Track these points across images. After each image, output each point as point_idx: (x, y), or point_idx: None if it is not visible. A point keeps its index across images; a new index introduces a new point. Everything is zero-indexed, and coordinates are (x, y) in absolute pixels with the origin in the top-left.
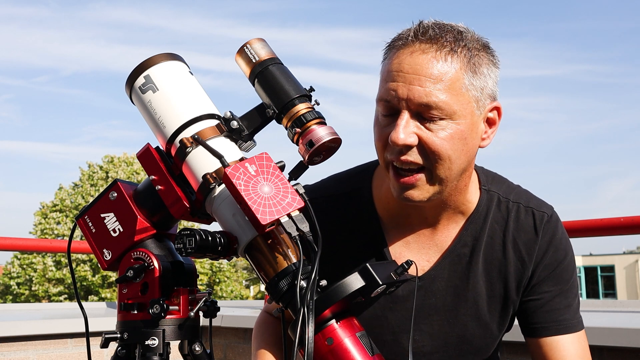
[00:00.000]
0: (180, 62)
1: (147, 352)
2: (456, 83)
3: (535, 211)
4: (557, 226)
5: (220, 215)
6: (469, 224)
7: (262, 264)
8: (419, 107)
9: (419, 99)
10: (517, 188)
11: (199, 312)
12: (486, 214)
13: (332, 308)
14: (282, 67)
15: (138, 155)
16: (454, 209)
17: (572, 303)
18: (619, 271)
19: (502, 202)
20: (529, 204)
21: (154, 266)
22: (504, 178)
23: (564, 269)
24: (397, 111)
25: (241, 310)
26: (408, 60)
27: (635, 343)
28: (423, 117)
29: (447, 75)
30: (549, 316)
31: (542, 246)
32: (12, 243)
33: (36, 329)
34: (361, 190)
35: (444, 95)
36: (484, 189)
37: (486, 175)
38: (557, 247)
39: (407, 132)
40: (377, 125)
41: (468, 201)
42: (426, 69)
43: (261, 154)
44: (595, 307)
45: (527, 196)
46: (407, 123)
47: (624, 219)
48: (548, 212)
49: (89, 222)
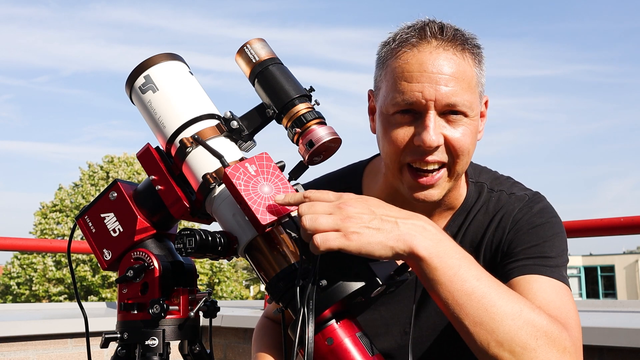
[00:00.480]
0: (180, 62)
1: (147, 352)
2: (472, 80)
3: (517, 194)
4: (538, 201)
5: (220, 215)
6: (456, 215)
7: (262, 264)
8: (445, 107)
9: (447, 99)
10: (502, 177)
11: (199, 312)
12: (473, 206)
13: (332, 308)
14: (282, 67)
15: (138, 155)
16: (446, 206)
17: (547, 254)
18: (619, 271)
19: (486, 191)
20: (512, 190)
21: (154, 266)
22: (489, 169)
23: (540, 229)
24: (420, 112)
25: (241, 310)
26: (430, 60)
27: (635, 343)
28: (446, 115)
29: (467, 73)
30: (517, 263)
31: (517, 216)
32: (12, 243)
33: (36, 329)
34: (351, 189)
35: (467, 93)
36: (471, 181)
37: (473, 168)
38: (534, 214)
39: (437, 133)
40: (392, 126)
41: (460, 195)
42: (450, 68)
43: (261, 154)
44: (595, 307)
45: (513, 186)
46: (436, 124)
47: (624, 219)
48: (530, 194)
49: (89, 222)
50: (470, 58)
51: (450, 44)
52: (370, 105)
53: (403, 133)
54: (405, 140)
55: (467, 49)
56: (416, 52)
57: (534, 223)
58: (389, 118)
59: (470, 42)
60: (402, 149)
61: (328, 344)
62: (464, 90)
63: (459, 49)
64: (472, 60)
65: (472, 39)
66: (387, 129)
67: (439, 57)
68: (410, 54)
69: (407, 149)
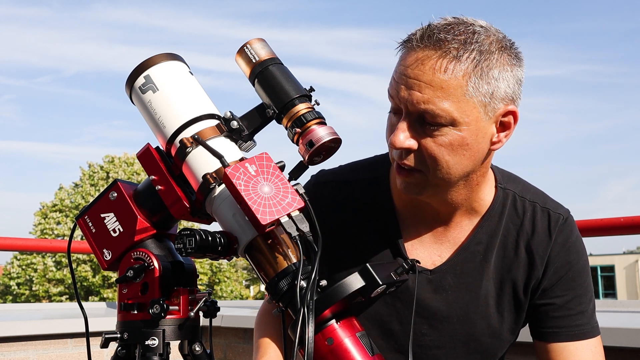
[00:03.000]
0: (180, 62)
1: (147, 352)
2: (458, 90)
3: (552, 212)
4: (571, 229)
5: (220, 215)
6: (484, 221)
7: (262, 264)
8: (418, 112)
9: (417, 105)
10: (534, 188)
11: (199, 312)
12: (501, 212)
13: (332, 308)
14: (282, 67)
15: (138, 156)
16: (467, 207)
17: (586, 308)
18: (619, 271)
19: (518, 200)
20: (546, 205)
21: (154, 266)
22: (521, 178)
23: (578, 273)
24: (399, 115)
25: (241, 310)
26: (411, 65)
27: (635, 343)
28: (425, 122)
29: (449, 82)
30: (560, 321)
31: (554, 248)
32: (12, 243)
33: (36, 329)
34: (378, 179)
35: (444, 103)
36: (499, 187)
37: (502, 174)
38: (570, 249)
39: (405, 136)
40: (388, 120)
41: (482, 199)
42: (427, 75)
43: (261, 154)
44: (596, 307)
45: (545, 197)
46: (406, 127)
47: (624, 219)
48: (564, 215)
49: (89, 222)
50: (461, 67)
51: (435, 52)
52: None
53: (389, 132)
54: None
55: (460, 57)
56: (405, 55)
57: (571, 262)
58: (388, 115)
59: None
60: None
61: (328, 344)
62: (442, 99)
63: (447, 58)
64: (465, 69)
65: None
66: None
67: (419, 64)
68: (401, 59)
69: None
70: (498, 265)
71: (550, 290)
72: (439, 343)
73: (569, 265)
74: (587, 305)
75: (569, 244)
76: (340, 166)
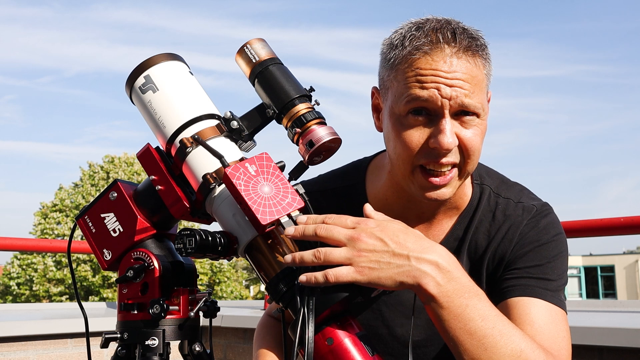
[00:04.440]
0: (180, 62)
1: (147, 352)
2: (483, 82)
3: (525, 205)
4: (545, 215)
5: (220, 215)
6: (461, 218)
7: (262, 264)
8: (459, 108)
9: (462, 100)
10: (512, 184)
11: (199, 312)
12: (477, 207)
13: (332, 308)
14: (282, 67)
15: (138, 156)
16: (450, 204)
17: (549, 277)
18: (619, 271)
19: (492, 196)
20: (520, 200)
21: (154, 266)
22: (500, 174)
23: (545, 248)
24: (434, 114)
25: (241, 310)
26: (445, 66)
27: (635, 343)
28: (459, 117)
29: (478, 77)
30: (518, 281)
31: (524, 230)
32: (12, 243)
33: (36, 329)
34: (355, 185)
35: (478, 95)
36: (476, 183)
37: (479, 170)
38: (541, 230)
39: (453, 135)
40: (405, 128)
41: (465, 195)
42: (463, 73)
43: (261, 154)
44: (595, 307)
45: (520, 193)
46: (452, 126)
47: (624, 219)
48: (538, 206)
49: (89, 222)
50: (480, 61)
51: (463, 51)
52: (374, 103)
53: (418, 135)
54: (420, 143)
55: (477, 53)
56: (429, 60)
57: (539, 240)
58: (401, 119)
59: (479, 43)
60: (417, 151)
61: (328, 344)
62: (476, 92)
63: (470, 54)
64: (482, 62)
65: (480, 38)
66: (399, 130)
67: (452, 64)
68: (424, 60)
69: (422, 151)
70: (470, 256)
71: (514, 262)
72: (426, 342)
73: (537, 242)
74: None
75: (540, 226)
76: (319, 175)
